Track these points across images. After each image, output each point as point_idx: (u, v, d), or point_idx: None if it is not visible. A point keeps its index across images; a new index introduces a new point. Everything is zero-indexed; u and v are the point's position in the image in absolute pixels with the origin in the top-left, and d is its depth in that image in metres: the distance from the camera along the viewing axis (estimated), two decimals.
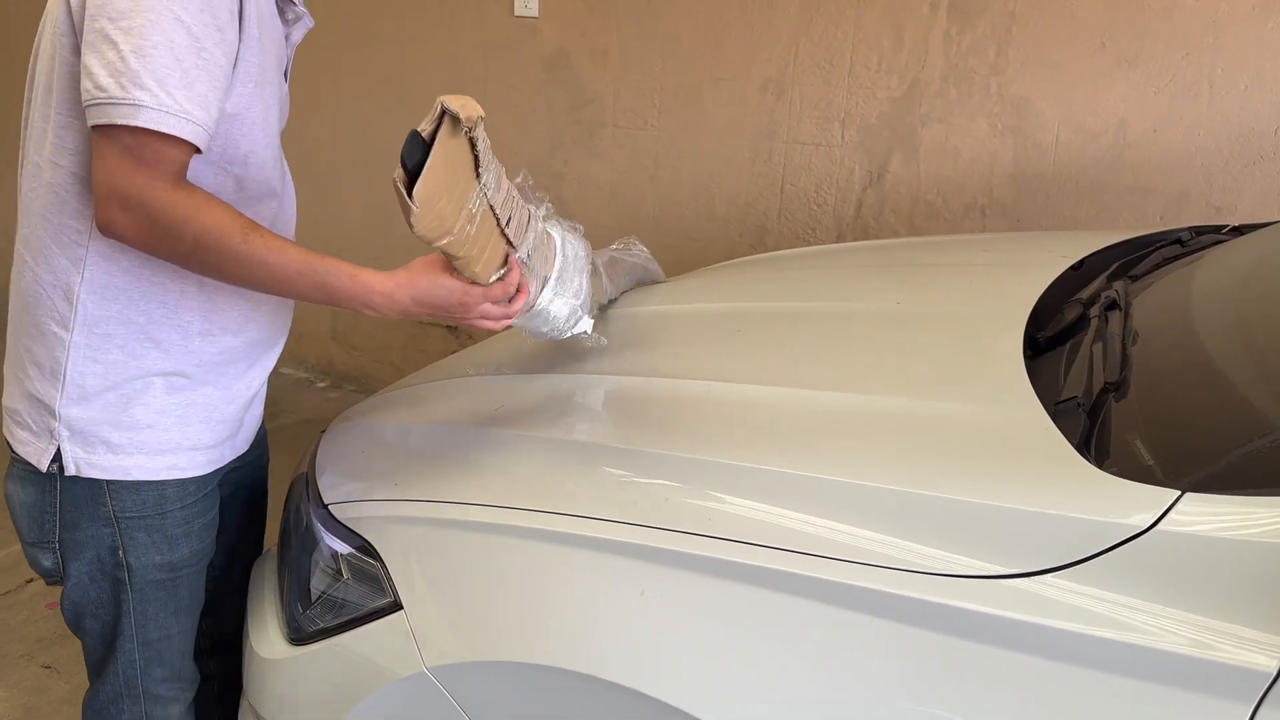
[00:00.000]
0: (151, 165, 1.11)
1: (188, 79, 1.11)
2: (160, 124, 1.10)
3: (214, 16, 1.13)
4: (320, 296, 1.19)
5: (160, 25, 1.09)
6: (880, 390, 1.22)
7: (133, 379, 1.26)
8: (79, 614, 1.38)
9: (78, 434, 1.26)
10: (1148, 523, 0.87)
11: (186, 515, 1.34)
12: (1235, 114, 2.36)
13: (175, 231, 1.13)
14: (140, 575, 1.34)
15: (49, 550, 1.34)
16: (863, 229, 2.85)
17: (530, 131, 3.31)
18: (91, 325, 1.24)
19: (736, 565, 1.00)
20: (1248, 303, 1.32)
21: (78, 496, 1.29)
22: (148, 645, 1.38)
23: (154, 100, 1.09)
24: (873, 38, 2.72)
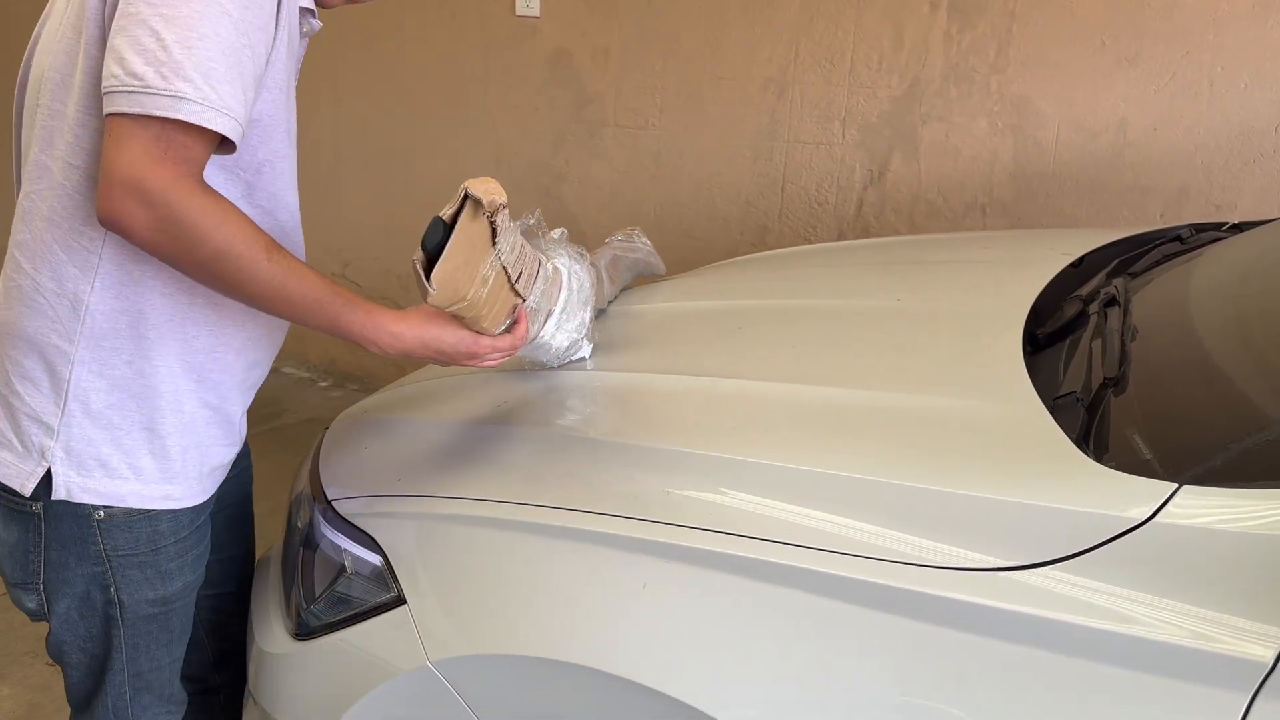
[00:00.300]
0: (178, 161, 1.04)
1: (233, 74, 1.06)
2: (202, 118, 1.04)
3: (257, 14, 1.09)
4: (328, 327, 1.15)
5: (208, 16, 1.04)
6: (881, 386, 1.23)
7: (138, 399, 1.20)
8: (64, 649, 1.31)
9: (74, 455, 1.19)
10: (1145, 515, 0.88)
11: (180, 549, 1.29)
12: (1235, 112, 2.37)
13: (198, 239, 1.05)
14: (133, 611, 1.28)
15: (33, 591, 1.27)
16: (863, 228, 2.85)
17: (531, 131, 3.32)
18: (99, 338, 1.18)
19: (738, 559, 1.01)
20: (1246, 299, 1.33)
21: (65, 535, 1.22)
22: (138, 676, 1.33)
23: (197, 93, 1.03)
24: (873, 37, 2.73)
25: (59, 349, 1.18)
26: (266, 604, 1.46)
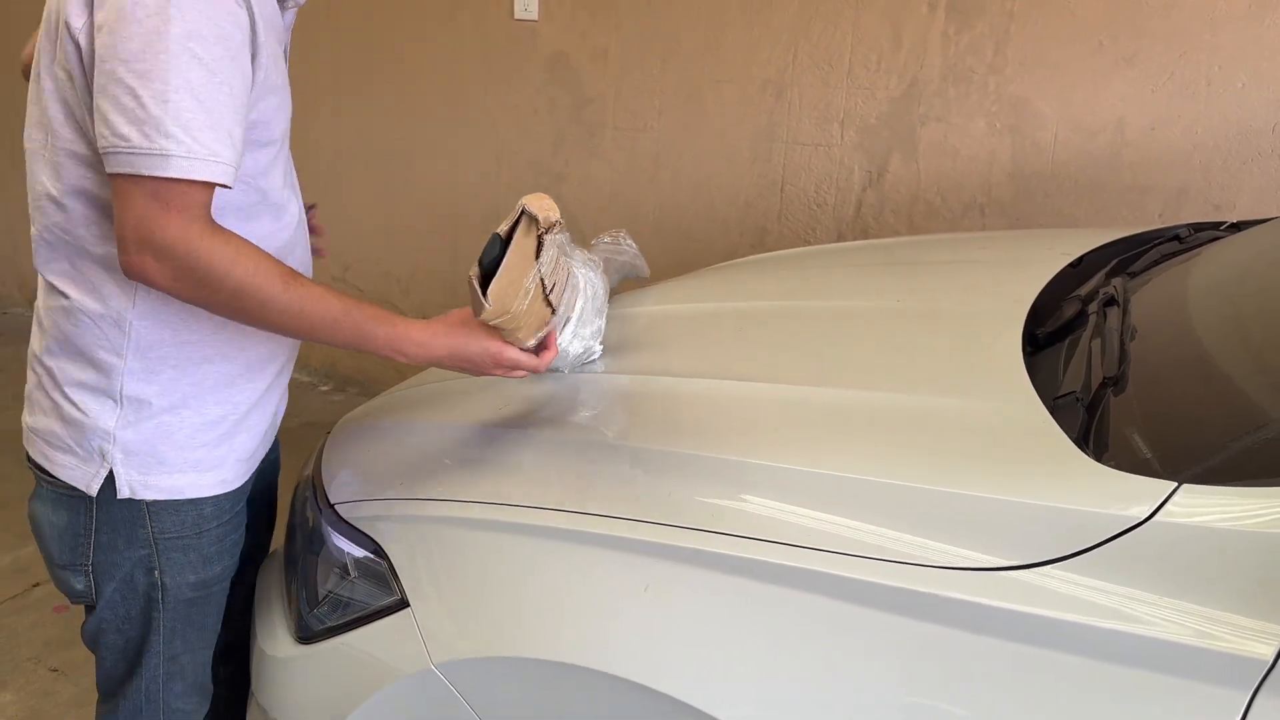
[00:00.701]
0: (181, 210, 1.08)
1: (212, 119, 1.08)
2: (190, 171, 1.07)
3: (227, 48, 1.10)
4: (354, 343, 1.19)
5: (177, 66, 1.05)
6: (880, 387, 1.24)
7: (187, 395, 1.26)
8: (101, 631, 1.36)
9: (133, 456, 1.25)
10: (1145, 514, 0.88)
11: (221, 533, 1.35)
12: (1233, 112, 2.37)
13: (215, 282, 1.11)
14: (174, 594, 1.33)
15: (81, 573, 1.31)
16: (862, 229, 2.86)
17: (531, 132, 3.32)
18: (145, 350, 1.23)
19: (740, 560, 1.01)
20: (1245, 298, 1.34)
21: (116, 519, 1.27)
22: (172, 660, 1.37)
23: (181, 148, 1.06)
24: (871, 38, 2.74)
25: (108, 363, 1.23)
26: (270, 607, 1.47)
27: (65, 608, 2.54)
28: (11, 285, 4.93)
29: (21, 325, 4.67)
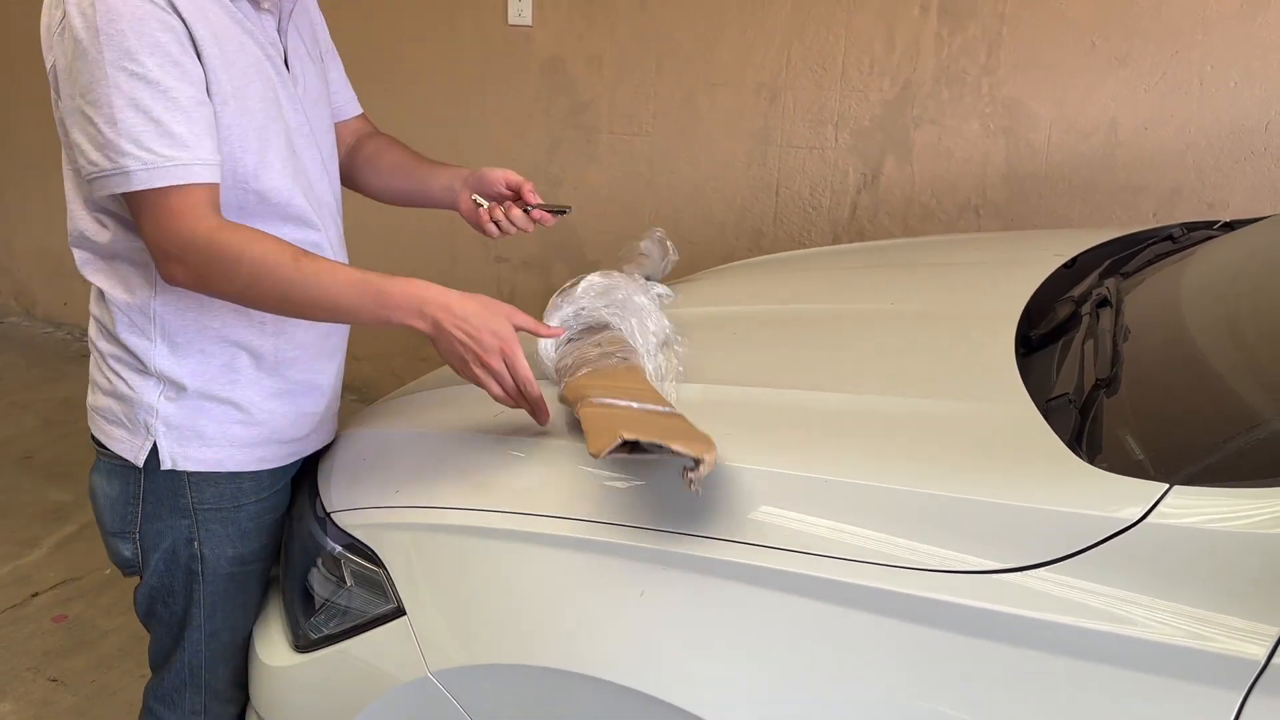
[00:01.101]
0: (181, 213, 1.16)
1: (160, 129, 1.15)
2: (149, 181, 1.15)
3: (165, 54, 1.15)
4: (375, 307, 1.20)
5: (118, 86, 1.13)
6: (874, 390, 1.24)
7: (219, 378, 1.33)
8: (152, 603, 1.43)
9: (174, 429, 1.32)
10: (1137, 516, 0.88)
11: (259, 509, 1.40)
12: (1225, 111, 2.38)
13: (230, 269, 1.18)
14: (212, 567, 1.39)
15: (130, 540, 1.39)
16: (858, 231, 2.86)
17: (527, 137, 3.33)
18: (171, 334, 1.31)
19: (735, 565, 1.01)
20: (1238, 298, 1.34)
21: (159, 489, 1.35)
22: (214, 637, 1.43)
23: (136, 162, 1.14)
24: (864, 40, 2.74)
25: (141, 346, 1.32)
26: (268, 616, 1.47)
27: (65, 617, 2.54)
28: (8, 295, 4.93)
29: (17, 335, 4.67)
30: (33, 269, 4.77)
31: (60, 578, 2.71)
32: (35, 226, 4.69)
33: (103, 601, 2.60)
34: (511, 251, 3.43)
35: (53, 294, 4.75)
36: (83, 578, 2.71)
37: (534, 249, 3.38)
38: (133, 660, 2.38)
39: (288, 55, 1.35)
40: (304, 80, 1.38)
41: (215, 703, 1.48)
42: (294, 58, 1.36)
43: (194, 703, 1.47)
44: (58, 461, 3.37)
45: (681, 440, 1.04)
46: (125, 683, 2.30)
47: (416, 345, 3.76)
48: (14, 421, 3.70)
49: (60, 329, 4.73)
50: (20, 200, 4.71)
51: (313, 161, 1.38)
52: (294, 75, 1.36)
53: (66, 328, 4.72)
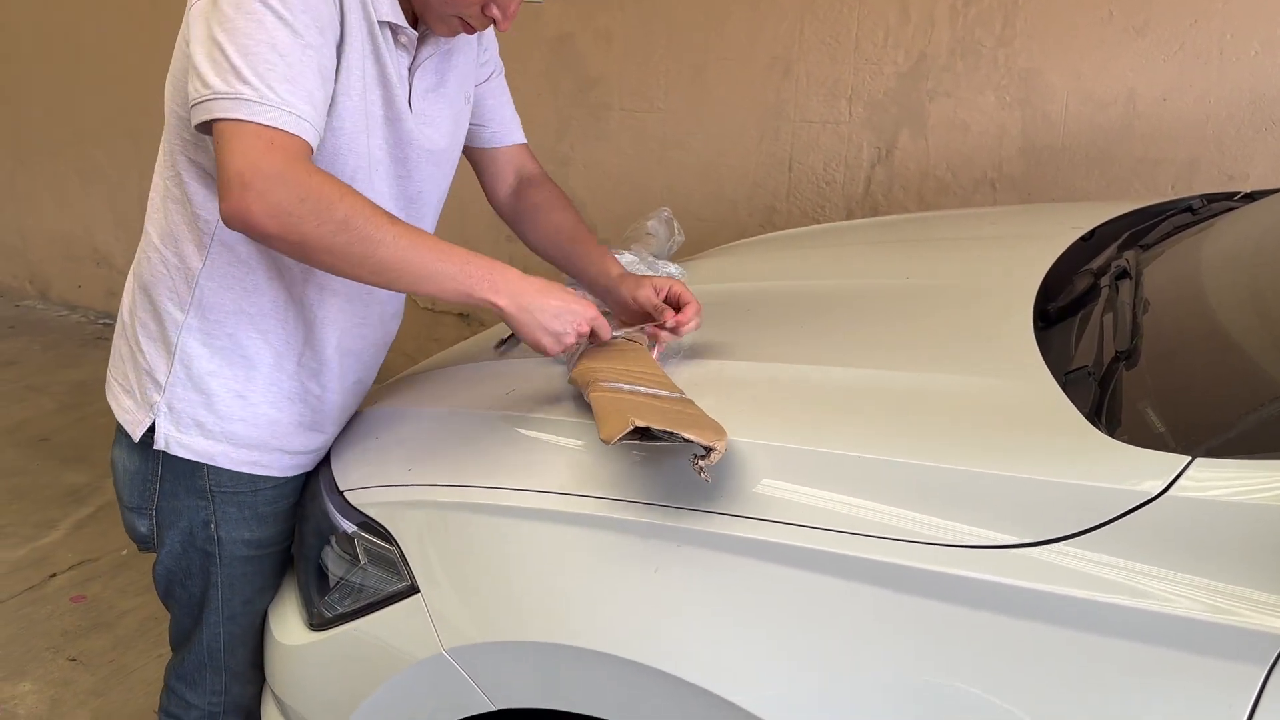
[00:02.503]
0: (282, 151, 1.10)
1: (292, 73, 1.12)
2: (259, 115, 1.10)
3: (315, 17, 1.15)
4: (459, 274, 1.16)
5: (263, 23, 1.11)
6: (891, 365, 1.23)
7: (235, 368, 1.32)
8: (170, 583, 1.44)
9: (174, 412, 1.33)
10: (1158, 489, 0.87)
11: (276, 495, 1.40)
12: (1246, 80, 2.34)
13: (326, 208, 1.09)
14: (229, 550, 1.39)
15: (146, 516, 1.39)
16: (872, 206, 2.84)
17: (536, 116, 3.31)
18: (206, 310, 1.31)
19: (750, 541, 1.00)
20: (1259, 269, 1.32)
21: (178, 468, 1.35)
22: (232, 620, 1.44)
23: (255, 94, 1.10)
24: (878, 12, 2.71)
25: (172, 316, 1.32)
26: (282, 596, 1.47)
27: (83, 597, 2.56)
28: (23, 278, 4.95)
29: (34, 318, 4.69)
30: (46, 252, 4.78)
31: (78, 559, 2.73)
32: (48, 210, 4.70)
33: (120, 582, 2.62)
34: None
35: (67, 277, 4.76)
36: (100, 559, 2.73)
37: None
38: (150, 640, 2.40)
39: (411, 95, 1.33)
40: (430, 123, 1.36)
41: (235, 683, 1.49)
42: (422, 101, 1.35)
43: (214, 683, 1.48)
44: (74, 444, 3.39)
45: (693, 428, 1.04)
46: (143, 662, 2.32)
47: (429, 325, 3.76)
48: (30, 404, 3.73)
49: (75, 312, 4.74)
50: (32, 185, 4.72)
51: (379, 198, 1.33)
52: (420, 116, 1.34)
53: (81, 310, 4.74)
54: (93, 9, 4.15)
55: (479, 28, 1.30)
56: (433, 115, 1.37)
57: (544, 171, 1.63)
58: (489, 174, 1.60)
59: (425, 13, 1.29)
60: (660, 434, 1.05)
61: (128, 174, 4.38)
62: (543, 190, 1.59)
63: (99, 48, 4.17)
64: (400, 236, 1.13)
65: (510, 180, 1.60)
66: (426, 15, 1.29)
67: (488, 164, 1.59)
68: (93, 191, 4.51)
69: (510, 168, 1.60)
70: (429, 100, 1.37)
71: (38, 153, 4.62)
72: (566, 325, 1.23)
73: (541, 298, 1.21)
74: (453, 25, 1.29)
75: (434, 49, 1.35)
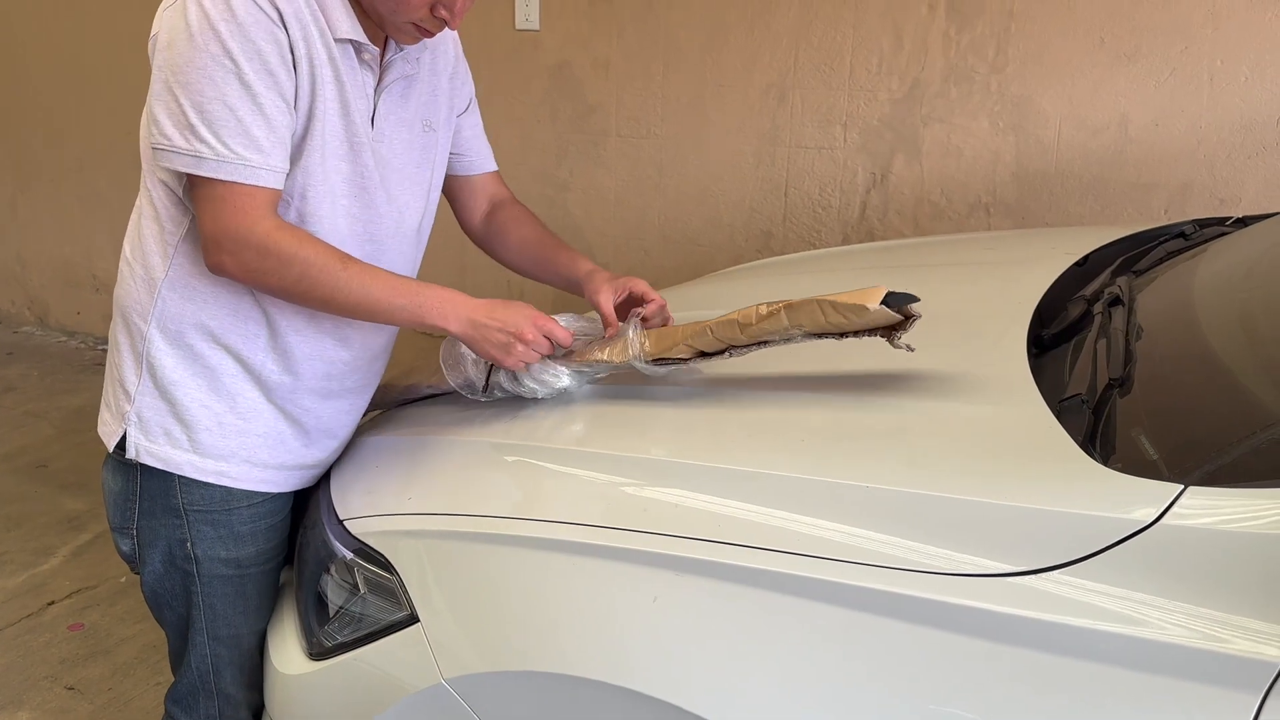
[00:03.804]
0: (244, 211, 1.23)
1: (241, 128, 1.21)
2: (217, 172, 1.21)
3: (263, 63, 1.21)
4: (411, 306, 1.29)
5: (213, 79, 1.20)
6: (885, 392, 1.23)
7: (199, 378, 1.35)
8: (158, 604, 1.45)
9: (144, 420, 1.35)
10: (1151, 517, 0.88)
11: (253, 514, 1.40)
12: (1236, 105, 2.37)
13: (282, 268, 1.24)
14: (207, 569, 1.40)
15: (128, 536, 1.41)
16: (867, 231, 2.86)
17: (535, 142, 3.33)
18: (168, 320, 1.33)
19: (747, 570, 1.01)
20: (1251, 295, 1.33)
21: (153, 487, 1.37)
22: (218, 641, 1.44)
23: (212, 153, 1.21)
24: (872, 40, 2.74)
25: (138, 326, 1.35)
26: (282, 625, 1.47)
27: (81, 625, 2.55)
28: (21, 305, 4.95)
29: (32, 345, 4.70)
30: (45, 279, 4.79)
31: (76, 586, 2.72)
32: (48, 237, 4.72)
33: (118, 610, 2.61)
34: None
35: (65, 303, 4.77)
36: (98, 586, 2.72)
37: None
38: (149, 668, 2.39)
39: (375, 114, 1.36)
40: (392, 144, 1.39)
41: (229, 707, 1.48)
42: (381, 119, 1.37)
43: (208, 707, 1.48)
44: (72, 470, 3.38)
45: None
46: (141, 690, 2.31)
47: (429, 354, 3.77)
48: (28, 431, 3.72)
49: (73, 338, 4.75)
50: (33, 211, 4.74)
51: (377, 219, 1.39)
52: (378, 134, 1.37)
53: (80, 337, 4.74)
54: (96, 36, 4.19)
55: (434, 30, 1.32)
56: (393, 136, 1.39)
57: (513, 195, 1.68)
58: (463, 201, 1.64)
59: (383, 25, 1.32)
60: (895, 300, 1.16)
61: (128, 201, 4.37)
62: (511, 210, 1.64)
63: (102, 75, 4.20)
64: (354, 278, 1.26)
65: (484, 207, 1.64)
66: (386, 28, 1.32)
67: (463, 192, 1.63)
68: (93, 218, 4.53)
69: (484, 195, 1.64)
70: (391, 122, 1.39)
71: (39, 179, 4.64)
72: (508, 336, 1.31)
73: (487, 313, 1.31)
74: (410, 33, 1.32)
75: (401, 72, 1.38)
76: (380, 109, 1.37)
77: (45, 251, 4.74)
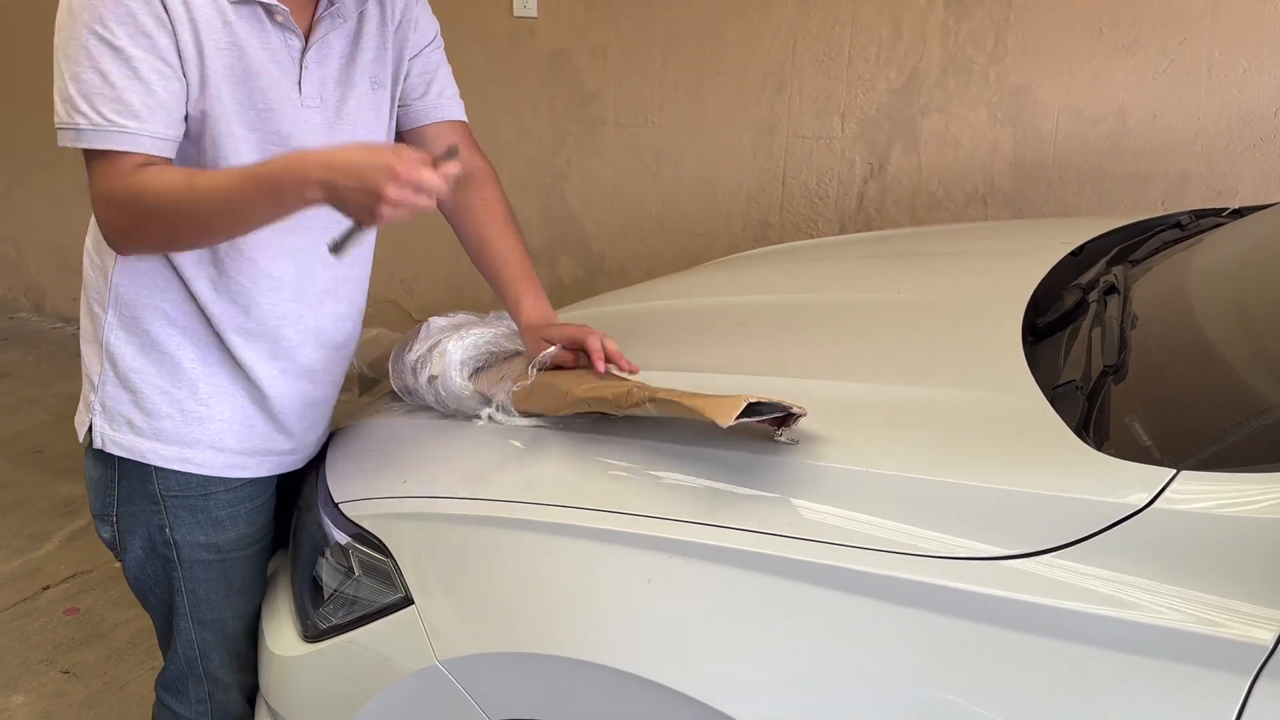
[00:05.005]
0: (112, 171, 1.20)
1: (114, 94, 1.18)
2: (94, 141, 1.18)
3: (136, 25, 1.18)
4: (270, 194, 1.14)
5: (87, 49, 1.17)
6: (881, 378, 1.24)
7: (158, 365, 1.33)
8: (141, 590, 1.45)
9: (107, 409, 1.35)
10: (1143, 502, 0.88)
11: (230, 499, 1.39)
12: (1234, 97, 2.37)
13: (140, 213, 1.20)
14: (187, 554, 1.39)
15: (108, 523, 1.41)
16: (865, 221, 2.86)
17: (532, 131, 3.33)
18: (122, 307, 1.33)
19: (741, 553, 1.01)
20: (1246, 285, 1.33)
21: (131, 474, 1.36)
22: (203, 625, 1.43)
23: (88, 122, 1.18)
24: (870, 29, 2.73)
25: (97, 315, 1.35)
26: (277, 608, 1.48)
27: (76, 610, 2.55)
28: (17, 290, 4.95)
29: (28, 331, 4.69)
30: (41, 264, 4.78)
31: (71, 571, 2.72)
32: (43, 222, 4.71)
33: (113, 594, 2.61)
34: None
35: (61, 289, 4.76)
36: (93, 571, 2.72)
37: (540, 243, 3.38)
38: (143, 652, 2.39)
39: (302, 78, 1.30)
40: (326, 107, 1.32)
41: (219, 691, 1.48)
42: (310, 82, 1.30)
43: (197, 692, 1.47)
44: (67, 456, 3.38)
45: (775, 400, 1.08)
46: (136, 675, 2.31)
47: None
48: (24, 416, 3.72)
49: (69, 324, 4.74)
50: (28, 197, 4.73)
51: None
52: (305, 98, 1.30)
53: (75, 323, 4.73)
54: None
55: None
56: (328, 99, 1.32)
57: (486, 169, 1.54)
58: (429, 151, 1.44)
59: None
60: (765, 407, 1.07)
61: None
62: (475, 193, 1.50)
63: None
64: (201, 190, 1.18)
65: None
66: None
67: (423, 147, 1.38)
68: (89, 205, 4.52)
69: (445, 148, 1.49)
70: (328, 86, 1.32)
71: (34, 166, 4.63)
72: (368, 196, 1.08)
73: (344, 171, 1.09)
74: None
75: (330, 29, 1.30)
76: (308, 71, 1.30)
77: (41, 238, 4.73)
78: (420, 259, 3.58)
